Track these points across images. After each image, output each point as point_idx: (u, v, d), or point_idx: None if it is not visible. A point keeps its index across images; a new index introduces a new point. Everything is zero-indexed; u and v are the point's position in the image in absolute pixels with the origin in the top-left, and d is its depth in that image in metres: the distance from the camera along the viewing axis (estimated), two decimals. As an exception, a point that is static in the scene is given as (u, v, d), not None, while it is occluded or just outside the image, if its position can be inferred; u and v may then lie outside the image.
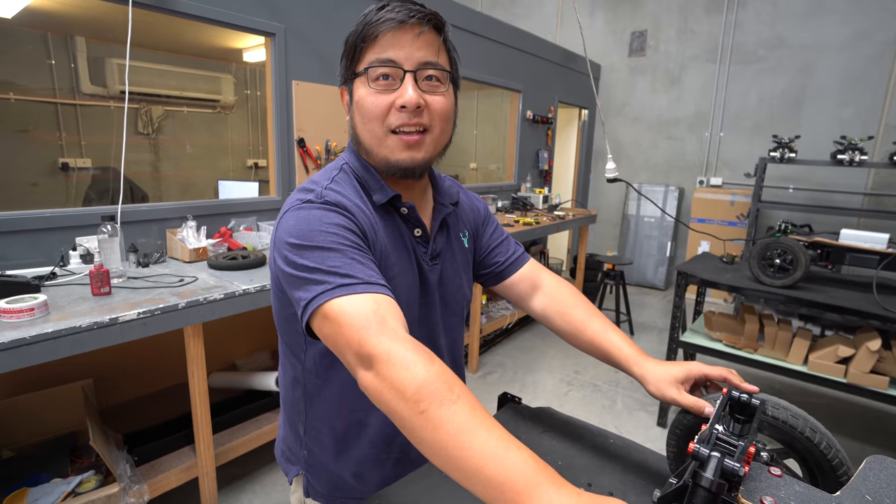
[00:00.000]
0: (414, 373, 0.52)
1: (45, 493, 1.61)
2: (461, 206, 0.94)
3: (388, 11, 0.71)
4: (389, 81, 0.71)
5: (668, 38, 5.55)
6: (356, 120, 0.76)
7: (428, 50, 0.72)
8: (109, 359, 2.14)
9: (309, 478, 0.91)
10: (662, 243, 5.57)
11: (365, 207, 0.77)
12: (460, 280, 0.92)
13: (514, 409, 1.11)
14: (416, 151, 0.74)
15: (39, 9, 2.98)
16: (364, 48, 0.73)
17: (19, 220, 1.90)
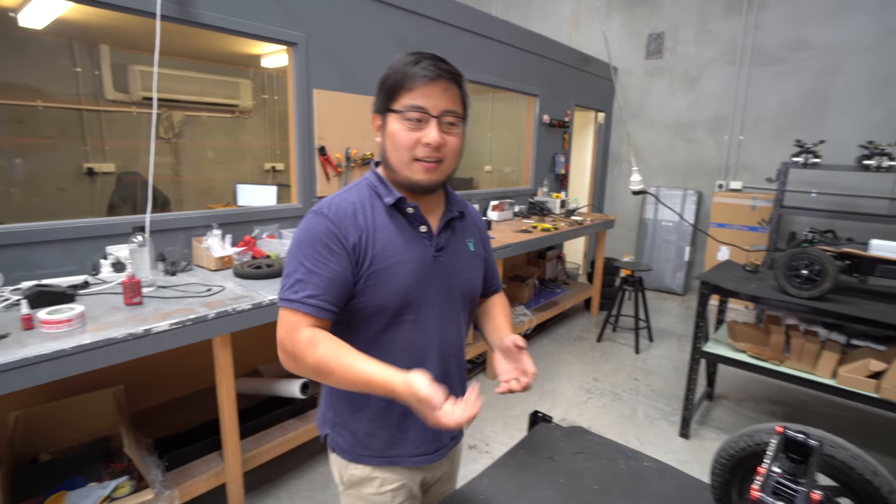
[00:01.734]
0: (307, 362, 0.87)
1: (82, 497, 1.65)
2: (469, 219, 1.13)
3: (424, 69, 0.91)
4: (419, 123, 0.92)
5: (686, 40, 5.50)
6: (388, 146, 0.96)
7: (450, 101, 0.93)
8: (138, 364, 2.17)
9: (333, 435, 1.08)
10: (681, 248, 5.52)
11: (370, 209, 0.97)
12: (466, 273, 1.07)
13: (546, 429, 1.11)
14: (432, 175, 0.95)
15: (67, 19, 3.04)
16: (401, 92, 0.92)
17: (53, 230, 1.95)
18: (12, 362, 1.29)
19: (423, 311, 1.00)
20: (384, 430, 1.03)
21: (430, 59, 0.92)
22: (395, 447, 1.04)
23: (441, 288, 1.02)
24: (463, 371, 1.15)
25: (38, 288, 1.70)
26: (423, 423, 0.97)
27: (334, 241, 0.92)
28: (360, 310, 0.96)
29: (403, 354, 0.99)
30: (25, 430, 1.85)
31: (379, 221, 0.97)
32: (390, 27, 3.08)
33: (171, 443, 2.01)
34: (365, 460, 1.05)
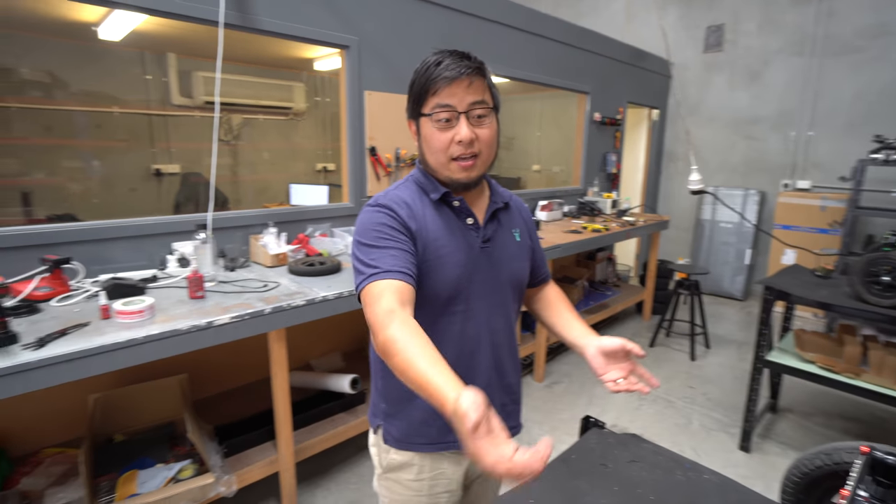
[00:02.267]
0: (378, 338, 0.82)
1: (150, 476, 1.76)
2: (513, 210, 1.14)
3: (445, 69, 0.91)
4: (449, 122, 0.93)
5: (748, 32, 5.20)
6: (424, 149, 1.00)
7: (475, 93, 0.93)
8: (200, 355, 2.29)
9: (386, 427, 1.09)
10: (741, 250, 5.23)
11: (419, 203, 1.00)
12: (513, 263, 1.08)
13: (599, 435, 1.08)
14: (470, 171, 0.97)
15: (139, 30, 3.25)
16: (427, 95, 0.94)
17: (125, 227, 2.09)
18: (94, 348, 1.40)
19: (472, 301, 1.02)
20: (440, 418, 1.02)
21: (451, 57, 0.93)
22: (449, 433, 1.03)
23: (489, 278, 1.04)
24: (516, 360, 1.15)
25: (114, 281, 1.82)
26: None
27: (397, 224, 0.95)
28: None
29: (455, 343, 1.01)
30: (102, 411, 1.99)
31: (428, 214, 1.00)
32: (439, 27, 3.10)
33: (230, 430, 2.11)
34: (416, 448, 1.06)
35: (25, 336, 1.42)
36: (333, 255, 2.45)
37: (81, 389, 2.03)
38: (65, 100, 3.75)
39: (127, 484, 1.75)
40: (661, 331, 4.02)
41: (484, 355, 1.05)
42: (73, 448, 2.01)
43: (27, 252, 1.84)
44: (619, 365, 0.99)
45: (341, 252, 2.53)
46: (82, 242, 1.98)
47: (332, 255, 2.47)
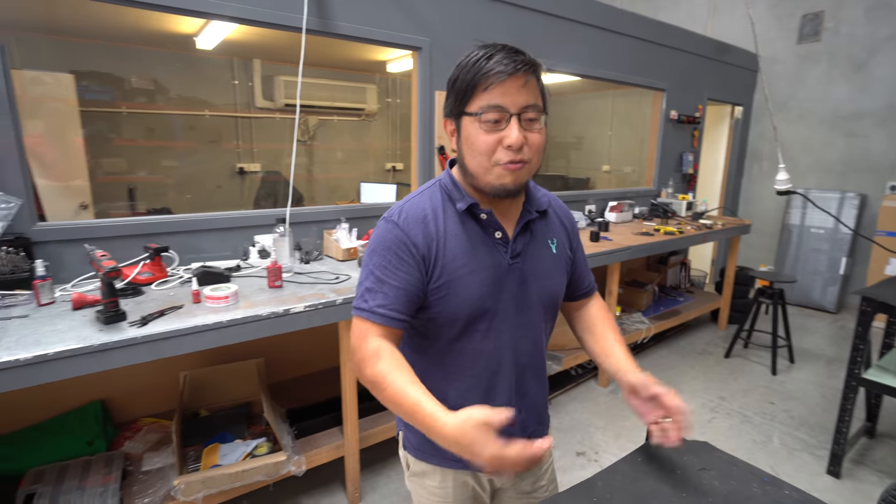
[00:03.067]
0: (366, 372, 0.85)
1: (231, 450, 1.91)
2: (551, 217, 1.04)
3: (498, 63, 0.82)
4: (497, 124, 0.84)
5: (852, 19, 4.74)
6: (464, 151, 0.89)
7: (529, 94, 0.84)
8: (275, 341, 2.46)
9: (407, 433, 1.08)
10: (835, 259, 4.78)
11: (441, 215, 0.92)
12: (546, 280, 1.00)
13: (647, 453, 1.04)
14: (515, 178, 0.87)
15: (229, 39, 3.51)
16: (475, 92, 0.84)
17: (215, 220, 2.27)
18: (187, 328, 1.54)
19: (496, 321, 0.95)
20: None
21: (504, 52, 0.83)
22: None
23: (516, 296, 0.96)
24: (544, 382, 1.08)
25: (203, 269, 1.99)
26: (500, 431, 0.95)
27: (404, 251, 0.89)
28: (432, 319, 0.93)
29: (473, 363, 0.96)
30: (190, 388, 2.19)
31: (450, 229, 0.92)
32: (510, 25, 3.09)
33: (299, 414, 2.24)
34: (434, 461, 1.04)
35: (131, 315, 1.60)
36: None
37: (173, 367, 2.24)
38: (165, 104, 4.13)
39: (210, 455, 1.91)
40: (738, 341, 3.77)
41: (505, 376, 0.98)
42: (165, 419, 2.23)
43: (132, 241, 2.05)
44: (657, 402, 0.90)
45: (408, 248, 2.60)
46: (177, 233, 2.18)
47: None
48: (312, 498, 2.18)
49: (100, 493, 1.74)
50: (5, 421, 1.95)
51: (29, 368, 1.31)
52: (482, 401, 0.97)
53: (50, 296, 1.70)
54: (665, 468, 0.95)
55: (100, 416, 2.10)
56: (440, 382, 0.97)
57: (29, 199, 1.83)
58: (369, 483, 2.28)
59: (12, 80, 1.75)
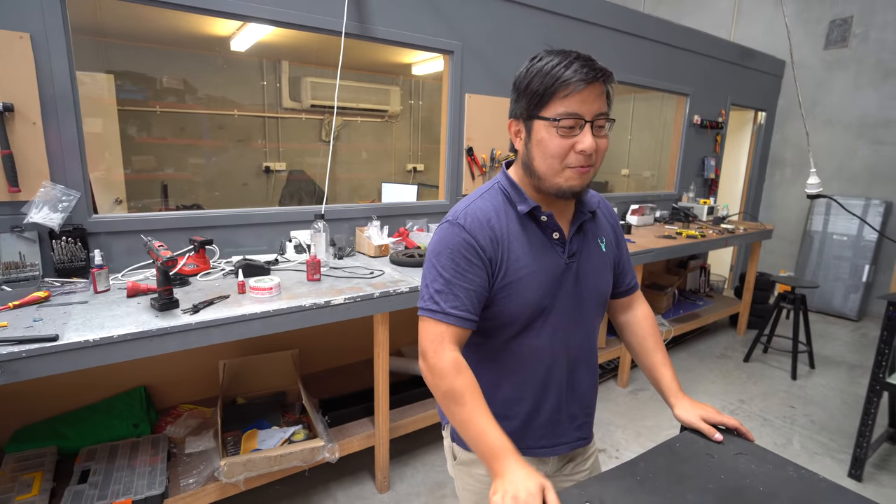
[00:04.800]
0: (443, 383, 0.91)
1: (269, 436, 2.00)
2: (599, 218, 1.09)
3: (577, 72, 0.85)
4: (571, 129, 0.88)
5: (882, 24, 4.71)
6: (535, 153, 0.92)
7: (602, 103, 0.89)
8: (309, 333, 2.54)
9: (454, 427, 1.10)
10: (858, 266, 4.75)
11: (504, 218, 0.97)
12: (598, 278, 1.05)
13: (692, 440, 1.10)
14: (583, 180, 0.92)
15: (259, 41, 3.62)
16: (552, 98, 0.87)
17: (253, 215, 2.37)
18: (237, 316, 1.63)
19: (552, 318, 0.99)
20: (509, 426, 1.04)
21: (581, 61, 0.86)
22: (517, 440, 1.02)
23: (572, 294, 1.01)
24: (594, 374, 1.14)
25: (245, 261, 2.08)
26: (546, 417, 1.06)
27: (472, 253, 0.92)
28: (493, 318, 0.97)
29: (530, 359, 1.01)
30: (229, 376, 2.28)
31: (512, 231, 0.96)
32: (538, 30, 3.16)
33: (331, 404, 2.32)
34: None
35: (182, 303, 1.69)
36: (429, 249, 2.60)
37: (212, 356, 2.34)
38: (195, 104, 4.25)
39: (249, 440, 2.00)
40: (757, 346, 3.78)
41: (558, 370, 1.03)
42: (203, 406, 2.32)
43: (174, 234, 2.15)
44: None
45: (436, 246, 2.68)
46: (217, 227, 2.27)
47: (428, 248, 2.62)
48: (342, 486, 2.26)
49: (148, 472, 1.83)
50: (60, 402, 2.06)
51: (97, 349, 1.41)
52: (535, 393, 1.04)
53: (106, 284, 1.81)
54: (702, 452, 1.01)
55: (144, 400, 2.21)
56: (494, 376, 1.03)
57: (86, 193, 1.94)
58: (397, 473, 2.36)
59: (75, 80, 1.86)
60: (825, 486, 0.92)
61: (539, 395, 1.05)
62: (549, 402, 1.06)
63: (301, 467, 1.94)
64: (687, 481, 0.92)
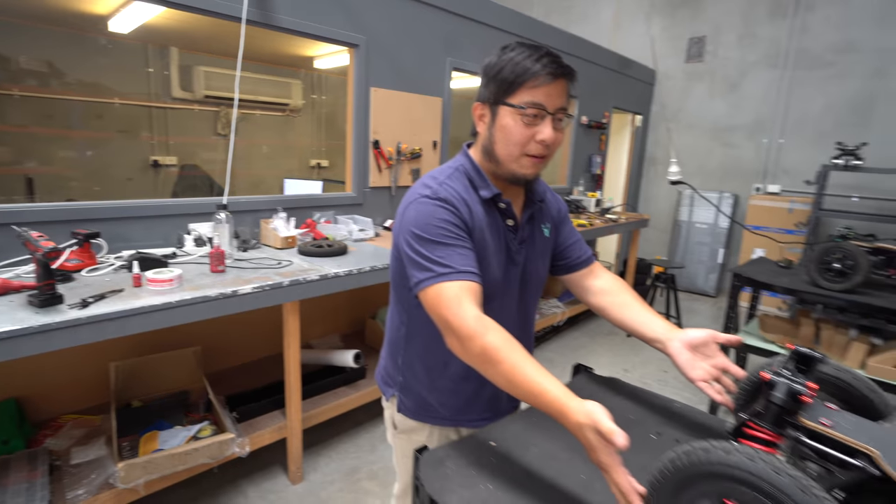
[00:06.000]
0: (475, 345, 0.84)
1: (171, 436, 1.90)
2: (547, 203, 1.16)
3: (546, 66, 0.91)
4: (535, 119, 0.93)
5: (728, 44, 5.51)
6: (497, 138, 0.97)
7: (564, 99, 0.95)
8: (210, 331, 2.44)
9: (401, 397, 1.17)
10: (714, 250, 5.53)
11: (470, 200, 1.00)
12: (539, 263, 1.14)
13: (587, 377, 1.28)
14: (536, 169, 0.98)
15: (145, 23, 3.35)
16: (520, 87, 0.92)
17: (143, 207, 2.22)
18: (134, 309, 1.54)
19: (505, 299, 1.07)
20: (457, 399, 1.13)
21: (550, 56, 0.92)
22: (461, 413, 1.14)
23: (519, 277, 1.09)
24: (531, 350, 1.18)
25: (140, 255, 1.96)
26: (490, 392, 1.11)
27: (459, 222, 0.95)
28: None
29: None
30: (122, 379, 2.12)
31: (476, 213, 1.00)
32: (440, 29, 3.29)
33: (239, 399, 2.25)
34: (424, 420, 1.15)
35: (68, 299, 1.56)
36: (339, 239, 2.61)
37: (99, 359, 2.16)
38: (64, 89, 3.81)
39: (149, 442, 1.89)
40: (640, 322, 4.26)
41: None
42: (91, 415, 2.14)
43: (52, 227, 1.95)
44: (707, 360, 0.96)
45: (345, 237, 2.69)
46: (103, 220, 2.10)
47: (337, 238, 2.63)
48: (253, 482, 2.21)
49: (26, 488, 1.66)
50: None
51: (-34, 349, 1.27)
52: None
53: (-32, 282, 1.61)
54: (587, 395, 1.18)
55: (14, 414, 1.98)
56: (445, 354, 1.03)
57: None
58: (311, 464, 2.35)
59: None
60: (679, 406, 1.13)
61: None
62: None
63: (209, 464, 1.88)
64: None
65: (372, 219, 2.92)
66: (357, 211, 3.00)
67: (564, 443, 0.97)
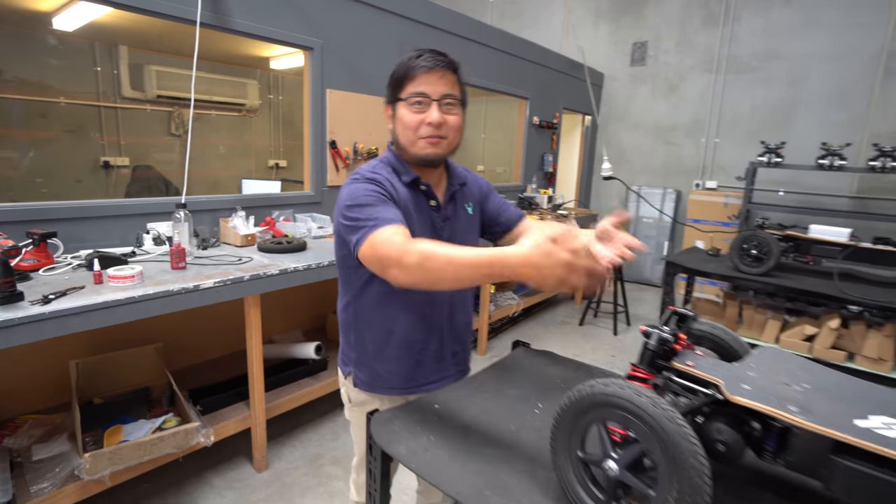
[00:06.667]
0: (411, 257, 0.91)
1: (136, 428, 1.95)
2: (468, 186, 1.31)
3: (424, 60, 1.09)
4: (422, 106, 1.10)
5: (667, 49, 5.88)
6: (398, 129, 1.15)
7: (447, 86, 1.10)
8: (171, 328, 2.48)
9: (356, 372, 1.30)
10: (660, 243, 5.89)
11: (395, 183, 1.15)
12: (465, 237, 1.27)
13: (524, 351, 1.44)
14: (436, 149, 1.13)
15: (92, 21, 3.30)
16: (406, 83, 1.10)
17: (100, 207, 2.24)
18: (97, 304, 1.60)
19: None
20: (403, 367, 1.26)
21: (430, 52, 1.09)
22: (410, 381, 1.27)
23: None
24: (468, 315, 1.37)
25: (98, 253, 1.99)
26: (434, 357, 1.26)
27: (385, 192, 1.08)
28: None
29: (419, 303, 1.21)
30: (83, 377, 2.14)
31: (402, 193, 1.14)
32: (396, 34, 3.41)
33: (202, 393, 2.31)
34: (376, 391, 1.28)
35: (28, 296, 1.60)
36: (298, 237, 2.69)
37: (59, 357, 2.17)
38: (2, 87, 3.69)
39: (113, 435, 1.93)
40: (589, 311, 4.52)
41: (440, 312, 1.25)
42: (50, 414, 2.15)
43: (8, 227, 1.96)
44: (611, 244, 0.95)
45: (304, 234, 2.78)
46: (58, 221, 2.11)
47: (297, 236, 2.71)
48: (218, 472, 2.28)
49: (-13, 485, 1.68)
50: None
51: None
52: (424, 333, 1.26)
53: (-77, 282, 1.62)
54: (522, 365, 1.34)
55: (-31, 416, 1.98)
56: (392, 310, 1.22)
57: None
58: (275, 453, 2.43)
59: None
60: (603, 370, 1.31)
61: (427, 336, 1.27)
62: (434, 341, 1.29)
63: (175, 454, 1.94)
64: (509, 383, 1.23)
65: (330, 216, 3.01)
66: (316, 209, 3.09)
67: (500, 402, 1.13)
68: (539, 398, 1.15)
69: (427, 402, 1.11)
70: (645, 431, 0.68)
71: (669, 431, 0.65)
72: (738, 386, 0.77)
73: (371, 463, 1.05)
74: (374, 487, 1.07)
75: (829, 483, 0.69)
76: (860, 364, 2.40)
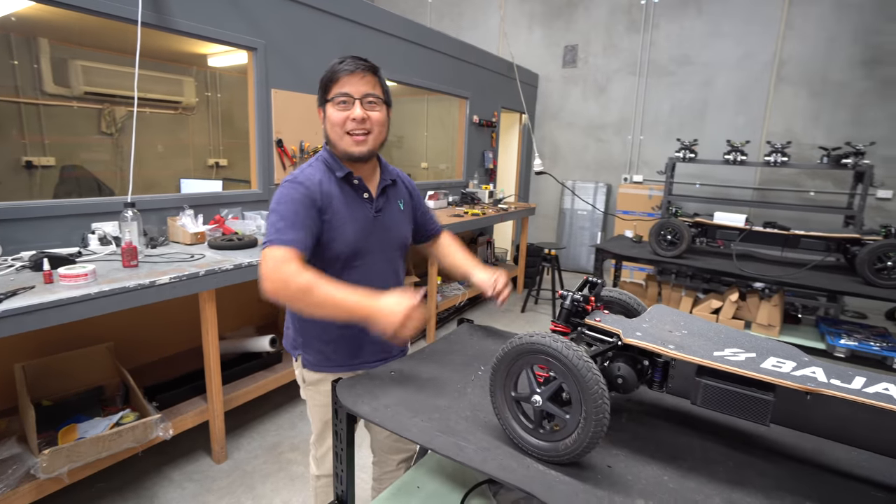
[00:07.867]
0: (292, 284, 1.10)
1: (92, 426, 1.96)
2: (399, 185, 1.45)
3: (346, 64, 1.23)
4: (346, 105, 1.24)
5: (596, 53, 6.30)
6: (328, 128, 1.29)
7: (368, 86, 1.25)
8: (122, 327, 2.47)
9: (304, 355, 1.41)
10: (594, 233, 6.32)
11: (327, 182, 1.26)
12: (399, 227, 1.42)
13: (468, 326, 1.63)
14: (362, 145, 1.26)
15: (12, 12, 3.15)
16: (331, 85, 1.24)
17: (36, 208, 2.19)
18: (52, 301, 1.63)
19: (368, 258, 1.32)
20: (348, 344, 1.38)
21: (351, 57, 1.23)
22: (356, 358, 1.39)
23: (381, 240, 1.35)
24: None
25: (44, 254, 1.98)
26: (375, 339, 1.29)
27: (308, 202, 1.20)
28: (322, 256, 1.26)
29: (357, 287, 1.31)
30: (30, 379, 2.12)
31: (334, 191, 1.26)
32: (339, 36, 3.50)
33: (158, 389, 2.34)
34: (329, 370, 1.38)
35: (-23, 296, 1.60)
36: (248, 234, 2.75)
37: (2, 362, 2.13)
38: None
39: (68, 434, 1.94)
40: (530, 298, 4.82)
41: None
42: (-7, 420, 2.10)
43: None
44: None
45: (254, 231, 2.83)
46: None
47: (246, 233, 2.76)
48: (177, 466, 2.31)
49: (-65, 491, 1.67)
50: None
51: None
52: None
53: None
54: (466, 339, 1.52)
55: None
56: None
57: None
58: (234, 444, 2.50)
59: None
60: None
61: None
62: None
63: (134, 449, 1.97)
64: (456, 353, 1.41)
65: (280, 214, 3.06)
66: (264, 207, 3.14)
67: (448, 367, 1.31)
68: (481, 363, 1.33)
69: (383, 371, 1.27)
70: (561, 369, 0.88)
71: (579, 367, 0.85)
72: (633, 333, 0.99)
73: (337, 425, 1.20)
74: (340, 447, 1.22)
75: (696, 398, 0.92)
76: (755, 330, 2.79)
